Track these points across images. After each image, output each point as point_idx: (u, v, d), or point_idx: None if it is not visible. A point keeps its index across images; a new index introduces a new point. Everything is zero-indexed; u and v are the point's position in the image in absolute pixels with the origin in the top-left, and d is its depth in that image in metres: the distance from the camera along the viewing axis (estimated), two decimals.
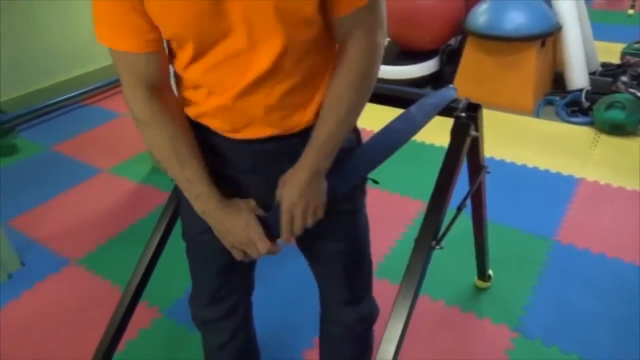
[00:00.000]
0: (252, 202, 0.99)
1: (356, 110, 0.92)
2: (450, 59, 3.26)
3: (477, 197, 1.43)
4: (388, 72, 3.20)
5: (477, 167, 1.29)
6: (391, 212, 2.23)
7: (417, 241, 1.05)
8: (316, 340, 1.35)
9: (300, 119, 0.93)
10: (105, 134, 3.12)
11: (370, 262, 1.19)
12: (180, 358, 1.65)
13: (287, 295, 1.85)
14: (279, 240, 0.99)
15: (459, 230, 2.10)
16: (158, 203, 2.41)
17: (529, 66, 2.88)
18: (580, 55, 2.95)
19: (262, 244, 0.96)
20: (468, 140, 1.07)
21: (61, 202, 2.49)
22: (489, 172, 1.34)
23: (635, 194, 2.23)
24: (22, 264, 2.10)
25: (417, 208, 2.23)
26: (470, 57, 3.06)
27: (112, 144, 2.98)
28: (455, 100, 1.10)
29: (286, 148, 0.94)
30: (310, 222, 0.96)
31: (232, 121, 0.92)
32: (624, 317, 1.67)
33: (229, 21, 0.80)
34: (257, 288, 1.27)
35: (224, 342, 1.24)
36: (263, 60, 0.83)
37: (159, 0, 0.79)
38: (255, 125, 0.91)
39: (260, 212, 0.98)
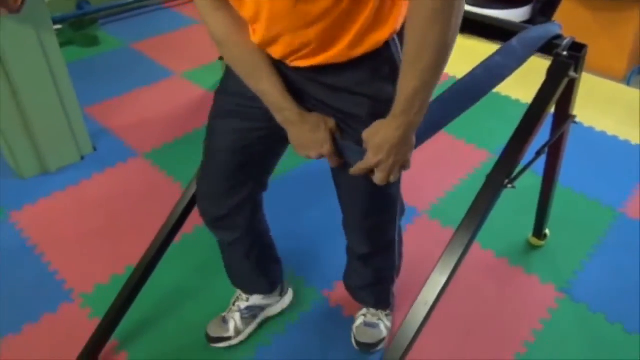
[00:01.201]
0: (331, 122, 1.00)
1: (439, 62, 0.83)
2: (545, 11, 3.06)
3: (555, 148, 1.37)
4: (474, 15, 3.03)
5: (565, 114, 1.23)
6: (453, 157, 2.19)
7: (489, 176, 1.03)
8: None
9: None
10: (181, 39, 3.16)
11: (395, 207, 1.20)
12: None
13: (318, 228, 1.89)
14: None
15: (522, 185, 2.06)
16: None
17: (629, 28, 2.65)
18: None
19: (332, 160, 1.02)
20: (564, 82, 1.01)
21: (134, 98, 2.59)
22: (575, 122, 1.28)
23: None
24: (94, 149, 2.22)
25: (481, 157, 2.17)
26: (568, 9, 2.85)
27: (187, 50, 3.02)
28: (558, 37, 1.03)
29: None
30: (394, 178, 0.97)
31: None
32: None
33: None
34: (286, 220, 1.29)
35: (234, 239, 1.29)
36: None
37: None
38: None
39: (338, 135, 1.00)
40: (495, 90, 1.04)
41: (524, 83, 2.81)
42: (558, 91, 1.03)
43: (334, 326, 1.53)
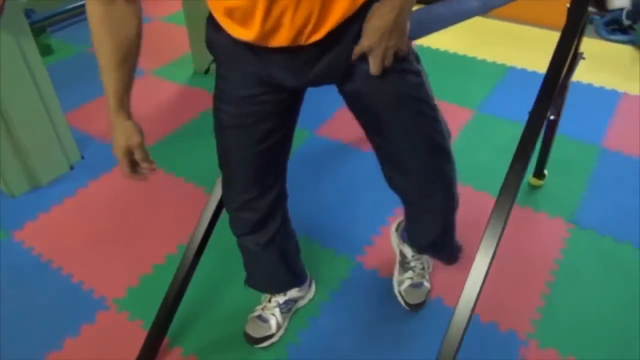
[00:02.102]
0: (135, 139, 1.06)
1: None
2: None
3: (564, 86, 1.47)
4: None
5: (574, 53, 1.33)
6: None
7: (532, 113, 1.10)
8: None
9: None
10: (147, 36, 3.05)
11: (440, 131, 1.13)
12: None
13: (354, 186, 1.94)
14: None
15: (515, 135, 2.19)
16: (207, 105, 2.42)
17: None
18: None
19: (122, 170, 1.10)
20: (586, 16, 1.10)
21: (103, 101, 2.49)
22: (584, 59, 1.38)
23: None
24: (82, 157, 2.14)
25: (466, 117, 2.28)
26: None
27: (151, 48, 2.93)
28: None
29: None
30: (388, 62, 0.97)
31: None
32: None
33: None
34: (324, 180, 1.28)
35: (268, 239, 1.27)
36: None
37: None
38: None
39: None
40: (462, 52, 1.11)
41: (490, 44, 2.95)
42: (581, 24, 1.11)
43: (376, 288, 1.58)
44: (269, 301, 1.47)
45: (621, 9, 2.91)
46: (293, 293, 1.48)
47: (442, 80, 2.46)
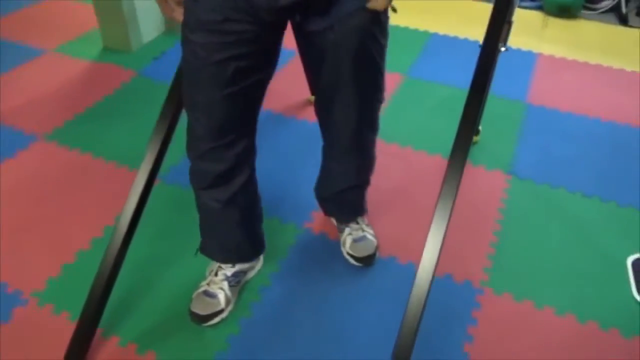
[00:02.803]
0: None
1: None
2: None
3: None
4: None
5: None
6: None
7: (485, 44, 1.08)
8: None
9: None
10: (40, 15, 2.75)
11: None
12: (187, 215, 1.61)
13: (293, 154, 1.85)
14: None
15: (445, 96, 2.20)
16: (122, 80, 2.22)
17: None
18: None
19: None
20: None
21: (8, 81, 2.21)
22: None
23: (587, 65, 2.44)
24: None
25: (397, 81, 2.26)
26: None
27: (51, 25, 2.64)
28: None
29: None
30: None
31: None
32: (599, 158, 1.87)
33: None
34: (261, 151, 1.26)
35: (231, 196, 1.20)
36: None
37: None
38: None
39: None
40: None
41: (410, 14, 2.90)
42: None
43: (326, 251, 1.51)
44: (216, 274, 1.34)
45: None
46: (242, 265, 1.37)
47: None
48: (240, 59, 1.02)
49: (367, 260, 1.45)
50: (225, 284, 1.33)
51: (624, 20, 2.81)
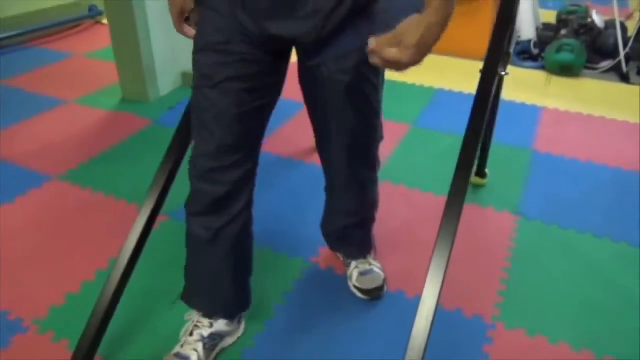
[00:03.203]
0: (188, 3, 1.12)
1: None
2: None
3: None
4: None
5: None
6: None
7: (485, 69, 1.12)
8: None
9: None
10: (61, 71, 2.90)
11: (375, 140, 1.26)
12: None
13: (301, 195, 1.86)
14: None
15: (450, 144, 2.23)
16: (138, 127, 2.30)
17: (488, 14, 3.09)
18: (529, 9, 3.22)
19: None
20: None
21: (28, 127, 2.30)
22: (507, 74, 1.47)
23: (591, 117, 2.49)
24: None
25: (404, 130, 2.32)
26: None
27: (72, 79, 2.79)
28: None
29: None
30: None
31: None
32: (607, 201, 1.86)
33: None
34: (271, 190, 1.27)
35: (223, 225, 1.15)
36: None
37: None
38: None
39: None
40: (394, 79, 1.18)
41: (417, 72, 3.07)
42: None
43: (333, 285, 1.48)
44: (191, 334, 1.24)
45: (529, 41, 3.18)
46: (221, 326, 1.26)
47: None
48: (244, 80, 1.05)
49: (375, 293, 1.42)
50: (200, 346, 1.23)
51: (625, 79, 2.90)
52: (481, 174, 1.92)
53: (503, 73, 1.14)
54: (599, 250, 1.64)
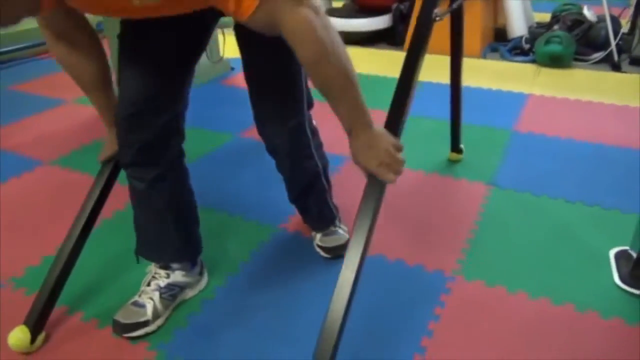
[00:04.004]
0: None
1: (347, 78, 0.97)
2: (403, 19, 3.49)
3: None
4: (343, 25, 3.38)
5: None
6: None
7: (419, 18, 1.16)
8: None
9: None
10: (65, 78, 3.03)
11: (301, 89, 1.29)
12: None
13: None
14: None
15: (430, 126, 2.26)
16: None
17: (476, 12, 3.15)
18: (520, 6, 3.27)
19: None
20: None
21: (28, 123, 2.44)
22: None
23: (578, 101, 2.49)
24: None
25: None
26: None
27: (74, 84, 2.91)
28: None
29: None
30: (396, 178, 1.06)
31: None
32: (585, 172, 1.86)
33: None
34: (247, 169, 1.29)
35: (157, 175, 1.18)
36: None
37: None
38: None
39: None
40: (383, 74, 1.24)
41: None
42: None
43: (299, 246, 1.51)
44: (148, 284, 1.27)
45: (520, 37, 3.22)
46: (178, 277, 1.28)
47: (373, 96, 2.56)
48: (168, 29, 1.10)
49: (337, 251, 1.44)
50: (157, 295, 1.25)
51: (617, 68, 2.89)
52: (456, 149, 1.94)
53: (437, 18, 1.17)
54: (570, 213, 1.63)
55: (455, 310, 1.26)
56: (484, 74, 2.90)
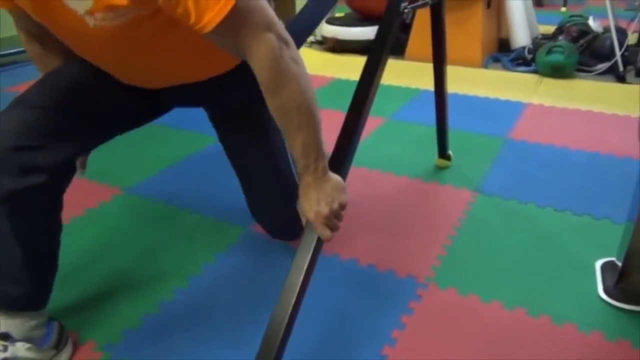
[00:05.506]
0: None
1: (306, 112, 0.92)
2: (404, 28, 3.45)
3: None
4: (344, 33, 3.35)
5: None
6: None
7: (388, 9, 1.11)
8: None
9: None
10: None
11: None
12: (144, 224, 1.61)
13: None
14: None
15: (422, 133, 2.20)
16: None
17: (477, 22, 3.09)
18: (523, 17, 3.21)
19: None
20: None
21: None
22: None
23: (578, 111, 2.40)
24: None
25: (378, 123, 2.30)
26: (424, 16, 3.25)
27: None
28: None
29: None
30: (331, 235, 0.99)
31: None
32: (577, 181, 1.77)
33: None
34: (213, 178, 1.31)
35: (29, 185, 0.94)
36: None
37: None
38: None
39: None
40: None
41: (404, 76, 3.04)
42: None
43: (267, 246, 1.45)
44: None
45: (523, 47, 3.15)
46: (20, 349, 0.97)
47: (374, 104, 2.51)
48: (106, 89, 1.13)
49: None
50: None
51: (621, 79, 2.80)
52: (443, 154, 1.87)
53: (406, 10, 1.12)
54: (557, 221, 1.54)
55: (422, 318, 1.19)
56: (483, 83, 2.83)
